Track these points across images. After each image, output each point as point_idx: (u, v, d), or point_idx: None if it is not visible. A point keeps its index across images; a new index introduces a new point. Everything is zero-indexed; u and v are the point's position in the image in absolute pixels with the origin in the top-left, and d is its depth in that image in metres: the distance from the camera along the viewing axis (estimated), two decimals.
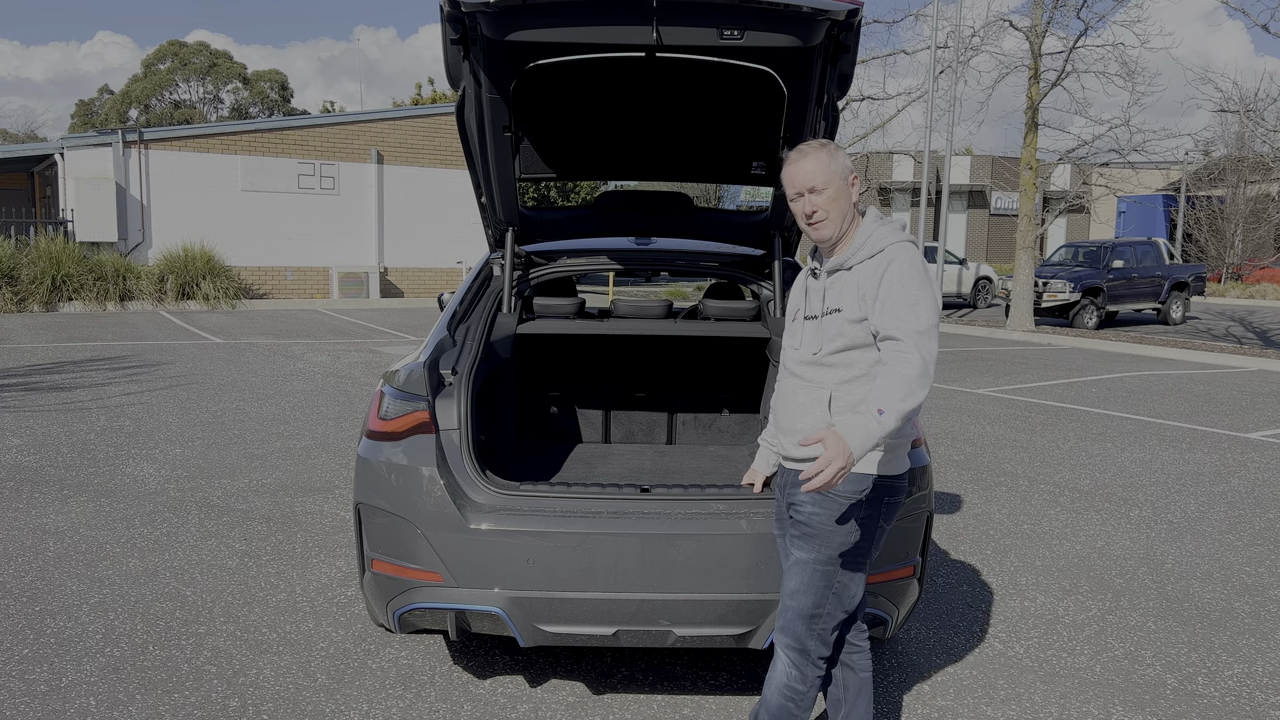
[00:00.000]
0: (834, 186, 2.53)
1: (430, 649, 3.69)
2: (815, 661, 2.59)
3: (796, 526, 2.56)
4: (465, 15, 2.83)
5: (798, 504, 2.54)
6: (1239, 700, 3.45)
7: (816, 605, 2.55)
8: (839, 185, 2.54)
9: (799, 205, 2.58)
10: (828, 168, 2.53)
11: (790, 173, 2.58)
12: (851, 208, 2.58)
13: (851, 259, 2.55)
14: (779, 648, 2.64)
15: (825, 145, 2.58)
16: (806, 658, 2.58)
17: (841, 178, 2.54)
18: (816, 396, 2.54)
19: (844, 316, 2.51)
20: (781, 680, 2.61)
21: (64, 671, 3.44)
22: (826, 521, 2.50)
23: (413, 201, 23.11)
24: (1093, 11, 27.29)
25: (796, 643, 2.58)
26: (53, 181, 21.98)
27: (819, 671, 2.61)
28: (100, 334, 14.23)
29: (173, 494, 5.77)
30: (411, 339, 14.77)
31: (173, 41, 50.43)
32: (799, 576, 2.55)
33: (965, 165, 37.40)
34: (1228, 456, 7.49)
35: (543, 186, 29.34)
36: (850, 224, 2.59)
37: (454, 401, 3.18)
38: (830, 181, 2.53)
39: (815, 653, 2.59)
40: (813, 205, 2.55)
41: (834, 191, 2.53)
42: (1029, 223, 17.82)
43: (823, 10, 2.82)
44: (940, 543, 5.13)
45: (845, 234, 2.59)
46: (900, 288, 2.44)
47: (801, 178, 2.55)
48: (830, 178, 2.53)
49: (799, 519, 2.54)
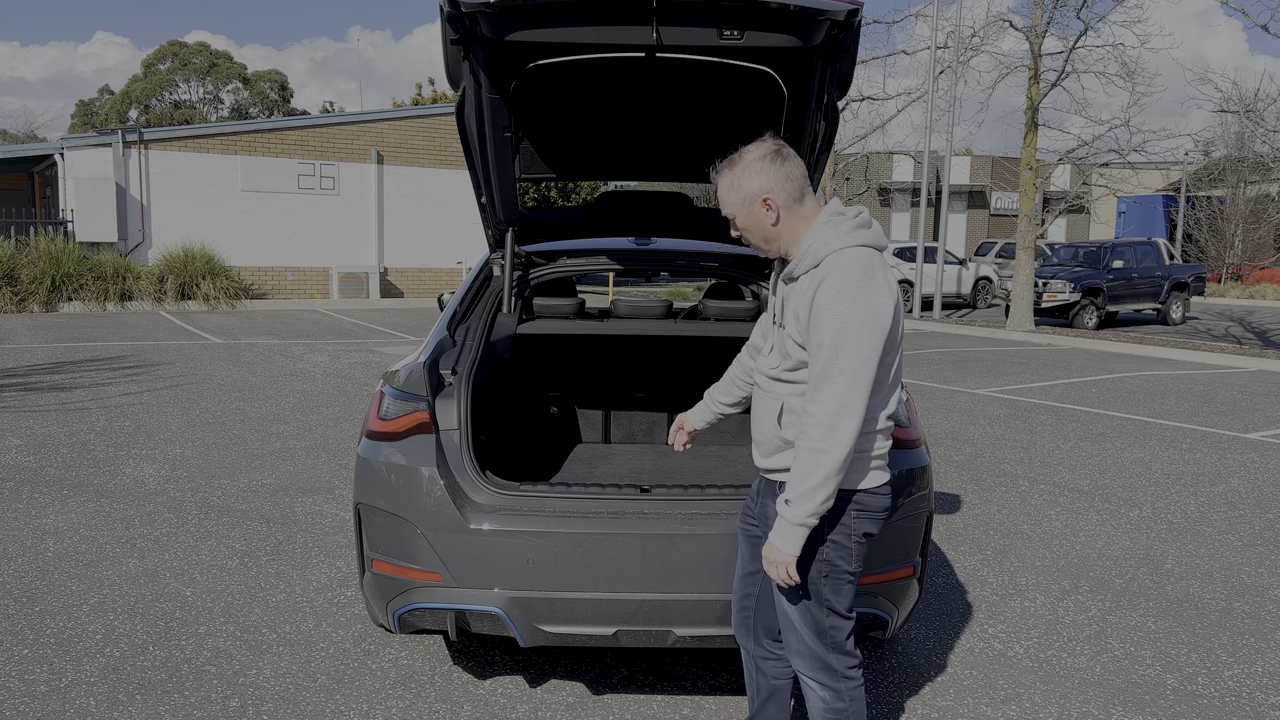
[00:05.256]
0: (740, 216, 2.41)
1: (430, 649, 3.69)
2: (845, 674, 2.48)
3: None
4: (465, 15, 2.83)
5: (769, 524, 2.46)
6: (1239, 700, 3.45)
7: (816, 622, 2.45)
8: (744, 214, 2.39)
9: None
10: (729, 199, 2.40)
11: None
12: (781, 219, 2.38)
13: (796, 268, 2.38)
14: (802, 679, 2.53)
15: (736, 164, 2.39)
16: (834, 675, 2.48)
17: (745, 207, 2.38)
18: (770, 407, 2.46)
19: (788, 334, 2.39)
20: (819, 708, 2.49)
21: (64, 672, 3.44)
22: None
23: (413, 201, 23.11)
24: (1093, 12, 27.36)
25: (817, 663, 2.48)
26: (53, 181, 21.98)
27: (854, 681, 2.49)
28: (100, 334, 14.23)
29: (173, 494, 5.77)
30: (411, 339, 14.77)
31: (173, 42, 50.47)
32: (786, 601, 2.48)
33: (965, 165, 37.39)
34: (1228, 456, 7.49)
35: (543, 186, 29.35)
36: (793, 230, 2.39)
37: (454, 402, 3.18)
38: (735, 212, 2.41)
39: (840, 666, 2.48)
40: (733, 225, 2.46)
41: (742, 220, 2.41)
42: (1029, 223, 17.82)
43: (823, 10, 2.82)
44: (940, 543, 5.13)
45: (793, 240, 2.40)
46: (825, 315, 2.24)
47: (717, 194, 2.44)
48: (734, 209, 2.41)
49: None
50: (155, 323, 16.29)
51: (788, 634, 2.52)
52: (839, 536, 2.41)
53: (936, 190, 31.88)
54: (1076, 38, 17.32)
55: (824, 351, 2.24)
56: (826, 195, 22.01)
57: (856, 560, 2.45)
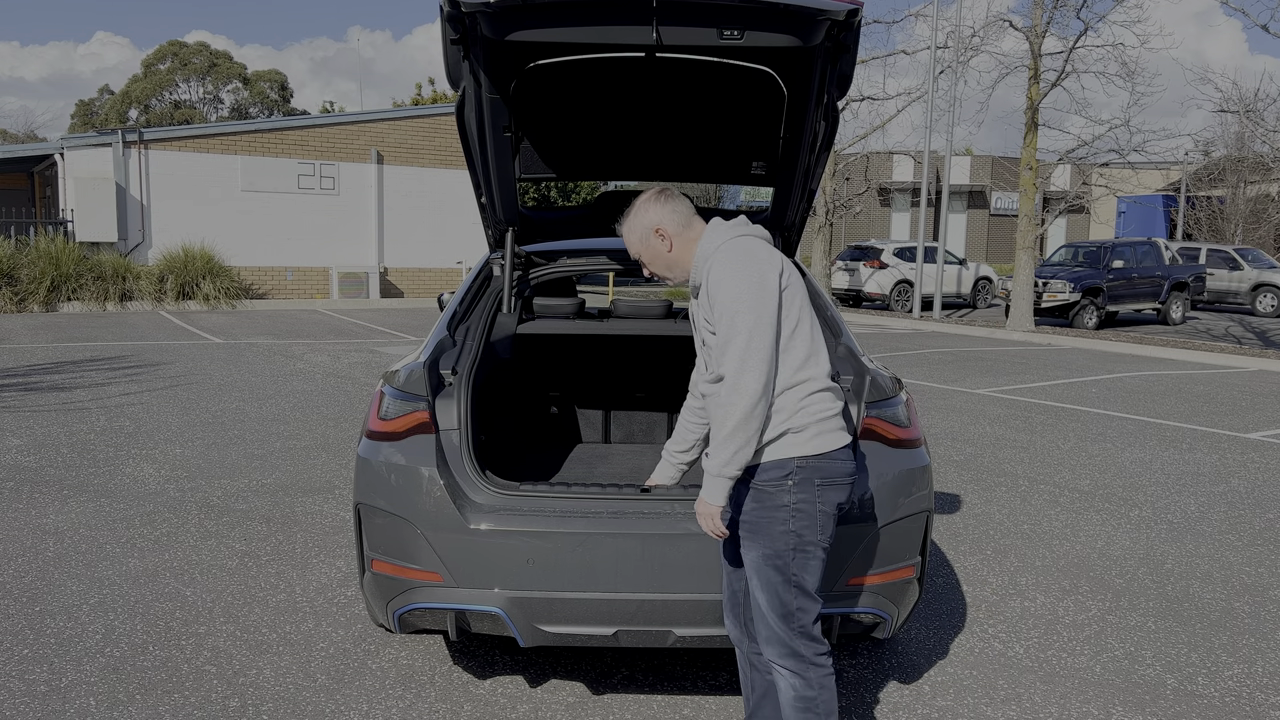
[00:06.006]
0: (642, 251, 2.73)
1: (430, 649, 3.69)
2: (814, 661, 2.55)
3: (741, 526, 2.57)
4: (465, 15, 2.83)
5: (737, 503, 2.58)
6: (1239, 700, 3.45)
7: (783, 604, 2.51)
8: (644, 248, 2.72)
9: None
10: (630, 239, 2.74)
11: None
12: (674, 245, 2.68)
13: (694, 279, 2.66)
14: (773, 666, 2.59)
15: (631, 210, 2.71)
16: (802, 662, 2.54)
17: (643, 241, 2.71)
18: (703, 417, 2.68)
19: (706, 337, 2.61)
20: (789, 695, 2.55)
21: (64, 672, 3.44)
22: (762, 514, 2.52)
23: (413, 201, 23.11)
24: (1093, 12, 27.38)
25: (785, 649, 2.54)
26: (53, 181, 21.97)
27: (823, 669, 2.55)
28: (100, 334, 14.23)
29: (173, 494, 5.77)
30: (411, 339, 14.77)
31: (173, 41, 50.50)
32: (756, 580, 2.55)
33: (965, 165, 37.39)
34: (1228, 456, 7.49)
35: (543, 186, 29.34)
36: (686, 253, 2.69)
37: (454, 401, 3.18)
38: (638, 249, 2.74)
39: (808, 653, 2.54)
40: (642, 265, 2.78)
41: (645, 255, 2.73)
42: (1029, 223, 17.82)
43: (823, 10, 2.82)
44: (940, 543, 5.13)
45: (689, 261, 2.69)
46: (719, 293, 2.49)
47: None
48: (636, 247, 2.74)
49: (741, 518, 2.57)
50: (155, 323, 16.29)
51: (758, 621, 2.59)
52: (804, 505, 2.49)
53: (936, 190, 31.88)
54: (1076, 38, 17.33)
55: (724, 320, 2.46)
56: (827, 195, 22.06)
57: (822, 530, 2.52)
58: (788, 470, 2.49)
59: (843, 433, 2.56)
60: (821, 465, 2.50)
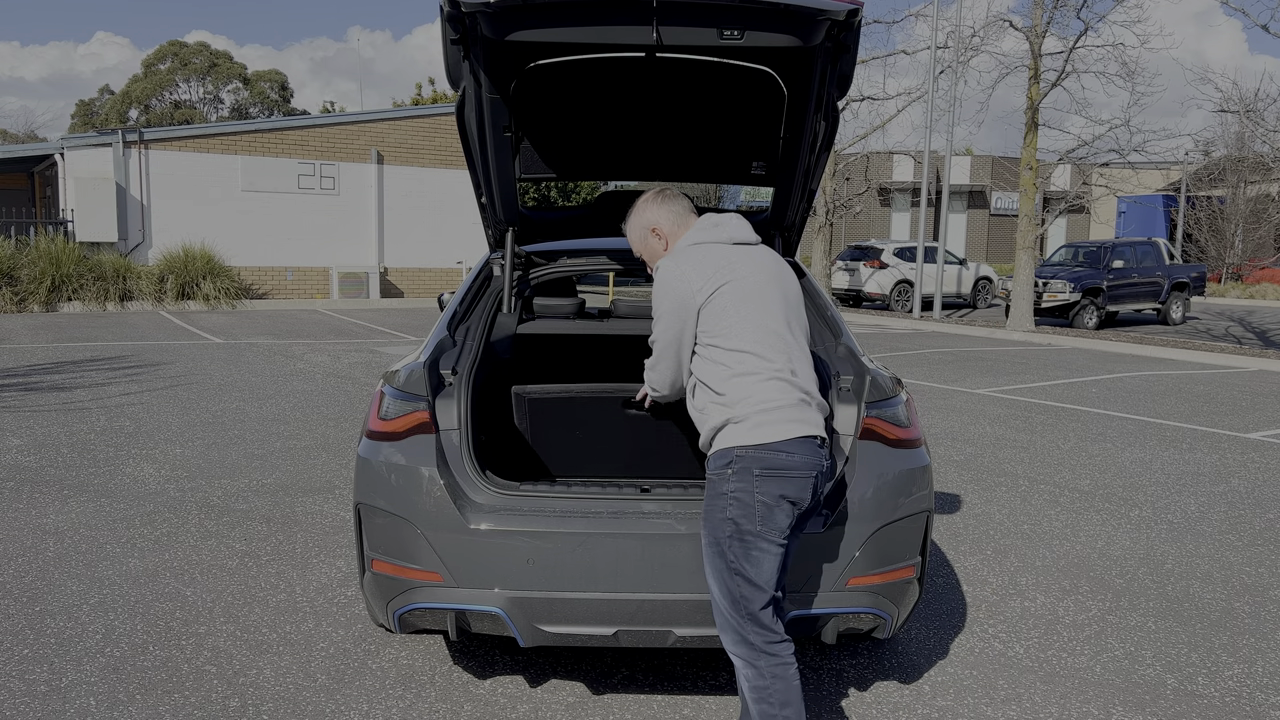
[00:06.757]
0: (640, 247, 2.93)
1: (430, 649, 3.69)
2: (765, 650, 2.54)
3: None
4: (465, 15, 2.83)
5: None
6: (1239, 700, 3.45)
7: (728, 589, 2.55)
8: (641, 244, 2.92)
9: None
10: (631, 235, 2.95)
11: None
12: (670, 246, 2.85)
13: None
14: (730, 655, 2.62)
15: (634, 208, 2.90)
16: (753, 650, 2.55)
17: (641, 239, 2.91)
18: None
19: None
20: (744, 685, 2.60)
21: (64, 671, 3.44)
22: (709, 501, 2.59)
23: (413, 201, 23.11)
24: (1093, 12, 27.38)
25: (736, 636, 2.57)
26: (53, 181, 21.98)
27: (774, 659, 2.54)
28: (100, 334, 14.23)
29: (173, 494, 5.77)
30: (411, 339, 14.78)
31: (173, 42, 50.51)
32: (706, 565, 2.62)
33: (965, 165, 37.40)
34: (1228, 456, 7.49)
35: (543, 186, 29.34)
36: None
37: (454, 402, 3.18)
38: (637, 245, 2.94)
39: (758, 640, 2.54)
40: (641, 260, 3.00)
41: (643, 251, 2.94)
42: (1029, 223, 17.82)
43: (823, 10, 2.82)
44: (940, 543, 5.13)
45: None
46: (653, 302, 2.75)
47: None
48: (636, 243, 2.94)
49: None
50: (155, 323, 16.29)
51: (714, 609, 2.63)
52: (741, 494, 2.51)
53: (936, 190, 31.88)
54: (1076, 38, 17.33)
55: (654, 320, 2.77)
56: (827, 195, 22.07)
57: (762, 522, 2.51)
58: (729, 459, 2.54)
59: (793, 424, 2.54)
60: (762, 456, 2.51)
